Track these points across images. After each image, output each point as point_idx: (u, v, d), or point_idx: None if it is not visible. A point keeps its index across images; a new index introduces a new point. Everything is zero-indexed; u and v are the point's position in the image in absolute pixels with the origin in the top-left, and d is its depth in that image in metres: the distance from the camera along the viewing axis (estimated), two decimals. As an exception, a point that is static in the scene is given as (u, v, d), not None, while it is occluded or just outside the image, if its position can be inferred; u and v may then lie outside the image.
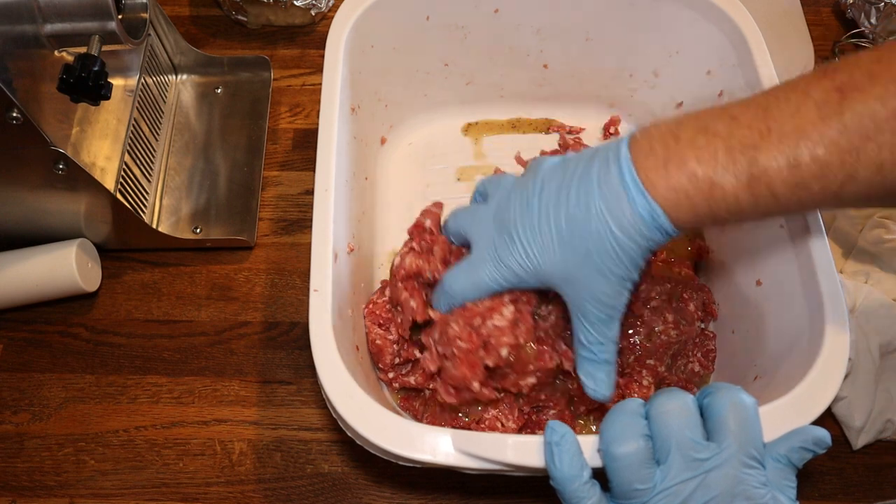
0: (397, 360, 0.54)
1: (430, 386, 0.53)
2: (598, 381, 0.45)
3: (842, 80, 0.36)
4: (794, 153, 0.36)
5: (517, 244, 0.43)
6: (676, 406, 0.39)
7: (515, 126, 0.74)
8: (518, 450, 0.40)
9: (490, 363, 0.48)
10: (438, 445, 0.41)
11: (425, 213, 0.57)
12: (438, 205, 0.57)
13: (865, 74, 0.35)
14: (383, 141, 0.70)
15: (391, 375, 0.54)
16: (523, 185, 0.45)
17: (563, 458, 0.39)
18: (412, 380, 0.52)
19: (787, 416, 0.42)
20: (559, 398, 0.54)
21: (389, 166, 0.70)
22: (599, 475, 0.40)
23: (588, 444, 0.40)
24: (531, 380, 0.50)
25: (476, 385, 0.48)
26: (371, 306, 0.56)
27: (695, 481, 0.37)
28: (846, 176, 0.36)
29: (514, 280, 0.45)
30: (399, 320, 0.54)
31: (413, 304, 0.52)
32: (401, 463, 0.43)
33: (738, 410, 0.38)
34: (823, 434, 0.40)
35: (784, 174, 0.36)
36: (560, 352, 0.50)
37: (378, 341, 0.54)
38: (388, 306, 0.55)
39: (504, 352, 0.47)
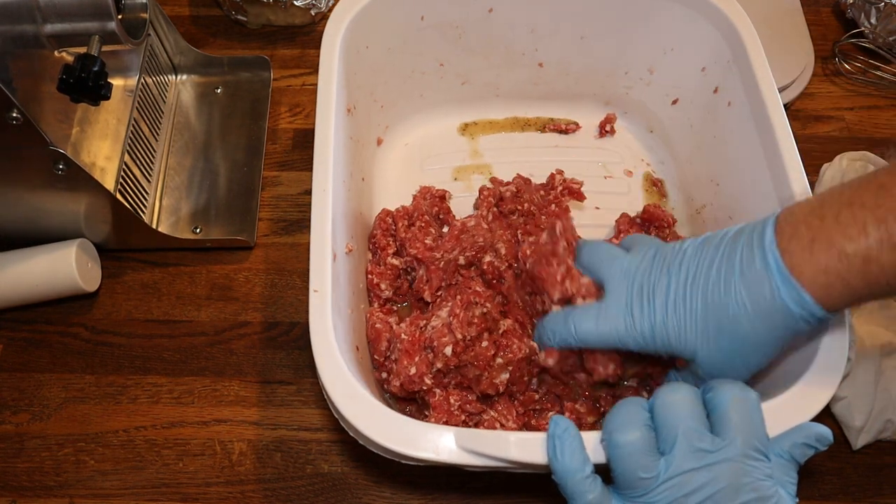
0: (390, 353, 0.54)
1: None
2: None
3: None
4: None
5: (654, 311, 0.42)
6: (681, 397, 0.39)
7: (512, 125, 0.74)
8: (521, 447, 0.41)
9: (440, 364, 0.50)
10: (441, 443, 0.41)
11: (376, 221, 0.62)
12: (386, 211, 0.62)
13: None
14: (379, 141, 0.70)
15: (384, 376, 0.54)
16: (668, 252, 0.44)
17: (564, 451, 0.39)
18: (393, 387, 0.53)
19: (787, 412, 0.42)
20: (554, 401, 0.54)
21: (386, 167, 0.70)
22: (603, 472, 0.40)
23: (591, 439, 0.40)
24: (504, 375, 0.50)
25: (427, 380, 0.50)
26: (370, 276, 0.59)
27: (700, 472, 0.37)
28: None
29: (641, 342, 0.43)
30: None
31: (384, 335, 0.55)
32: (403, 462, 0.43)
33: (740, 404, 0.39)
34: (825, 431, 0.40)
35: None
36: (529, 346, 0.51)
37: (377, 325, 0.54)
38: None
39: (448, 350, 0.49)
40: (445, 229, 0.64)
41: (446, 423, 0.50)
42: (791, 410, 0.42)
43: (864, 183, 0.36)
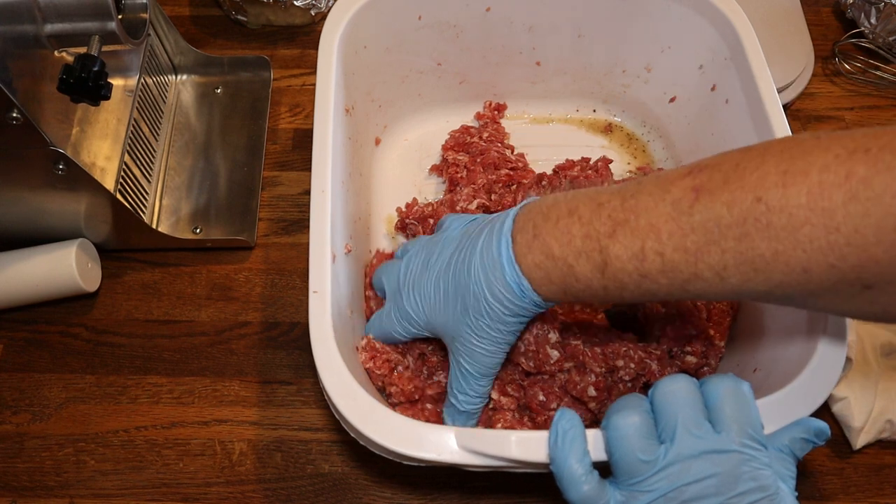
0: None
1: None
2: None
3: (700, 181, 0.37)
4: (641, 247, 0.38)
5: (412, 299, 0.49)
6: (679, 387, 0.39)
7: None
8: (522, 446, 0.41)
9: None
10: (443, 444, 0.42)
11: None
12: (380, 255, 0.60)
13: (721, 178, 0.36)
14: (377, 141, 0.70)
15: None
16: (429, 246, 0.50)
17: (565, 441, 0.39)
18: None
19: (786, 408, 0.42)
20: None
21: (384, 167, 0.70)
22: (602, 469, 0.40)
23: (592, 436, 0.40)
24: None
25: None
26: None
27: (699, 461, 0.37)
28: (691, 274, 0.38)
29: (411, 330, 0.50)
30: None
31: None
32: (405, 462, 0.43)
33: (732, 395, 0.39)
34: (823, 425, 0.41)
35: (630, 266, 0.38)
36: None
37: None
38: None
39: None
40: None
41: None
42: (790, 406, 0.42)
43: (591, 195, 0.41)
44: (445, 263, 0.47)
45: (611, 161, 0.65)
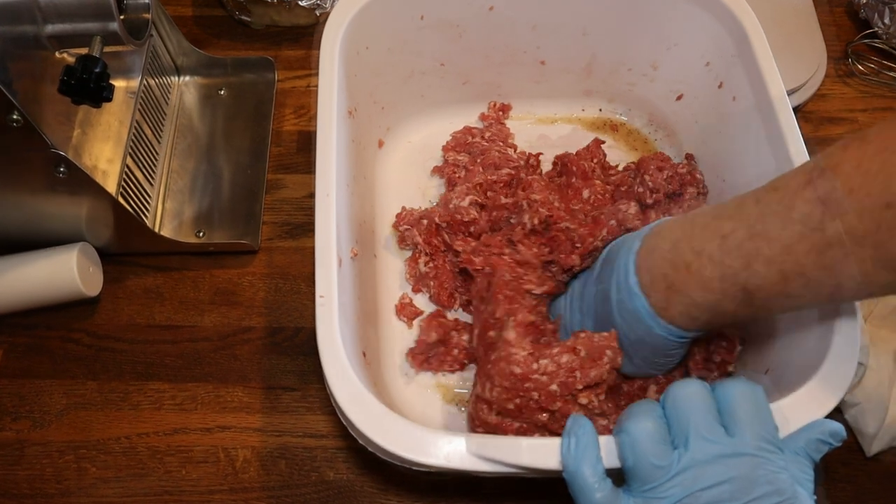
0: None
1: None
2: None
3: (824, 192, 0.37)
4: (781, 273, 0.39)
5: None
6: (692, 391, 0.39)
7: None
8: (533, 452, 0.40)
9: None
10: (453, 450, 0.41)
11: None
12: None
13: (845, 188, 0.36)
14: (381, 143, 0.69)
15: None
16: (576, 292, 0.55)
17: (578, 447, 0.39)
18: None
19: (799, 410, 0.42)
20: None
21: (387, 169, 0.69)
22: (615, 477, 0.39)
23: (605, 443, 0.40)
24: None
25: None
26: None
27: (713, 465, 0.37)
28: (834, 286, 0.38)
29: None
30: None
31: None
32: (414, 469, 0.42)
33: (745, 398, 0.39)
34: (838, 427, 0.40)
35: (774, 291, 0.40)
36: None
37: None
38: None
39: None
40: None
41: None
42: (803, 409, 0.42)
43: (711, 227, 0.42)
44: (593, 311, 0.51)
45: (602, 142, 0.65)
